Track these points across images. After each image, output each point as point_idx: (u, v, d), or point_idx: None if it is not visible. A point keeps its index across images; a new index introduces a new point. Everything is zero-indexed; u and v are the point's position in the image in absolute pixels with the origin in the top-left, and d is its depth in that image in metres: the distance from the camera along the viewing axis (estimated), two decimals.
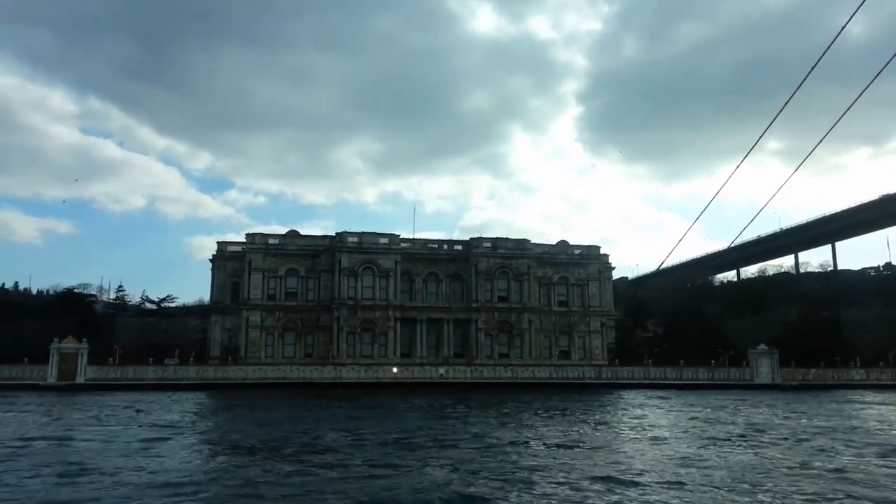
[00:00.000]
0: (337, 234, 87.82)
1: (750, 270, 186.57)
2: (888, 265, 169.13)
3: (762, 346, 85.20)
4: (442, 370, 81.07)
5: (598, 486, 19.13)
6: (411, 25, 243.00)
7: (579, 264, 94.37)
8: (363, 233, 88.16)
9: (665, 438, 30.67)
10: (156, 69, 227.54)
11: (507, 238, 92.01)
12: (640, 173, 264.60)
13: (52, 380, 71.01)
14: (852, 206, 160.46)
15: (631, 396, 66.14)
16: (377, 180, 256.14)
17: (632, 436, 31.91)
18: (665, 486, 19.27)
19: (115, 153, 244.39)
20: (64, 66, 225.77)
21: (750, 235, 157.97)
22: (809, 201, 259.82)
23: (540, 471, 21.58)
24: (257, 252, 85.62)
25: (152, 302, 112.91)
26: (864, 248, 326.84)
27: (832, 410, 49.46)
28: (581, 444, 28.56)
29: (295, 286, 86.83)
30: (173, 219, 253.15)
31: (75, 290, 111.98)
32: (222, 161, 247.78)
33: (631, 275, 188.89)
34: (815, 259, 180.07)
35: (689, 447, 27.59)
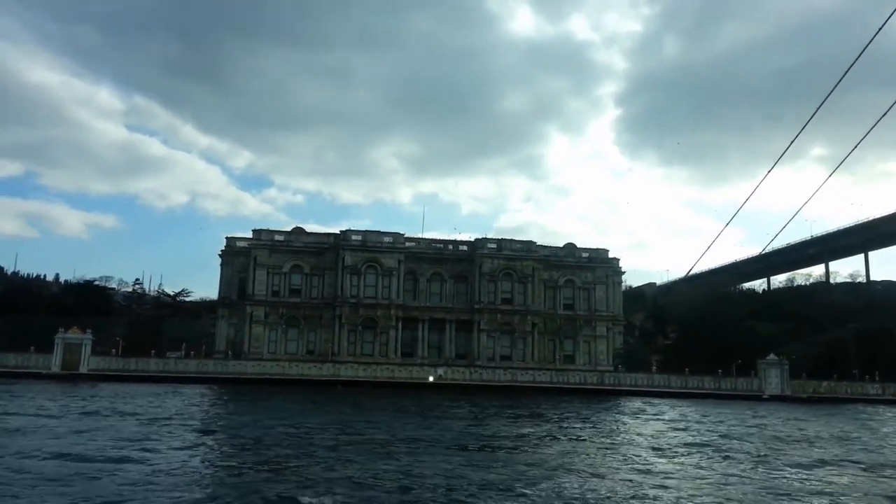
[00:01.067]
0: (341, 231, 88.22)
1: (779, 279, 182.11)
2: None
3: (772, 357, 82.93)
4: (441, 371, 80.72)
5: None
6: (450, 25, 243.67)
7: (586, 268, 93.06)
8: (367, 231, 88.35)
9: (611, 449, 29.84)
10: (198, 67, 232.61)
11: (512, 239, 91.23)
12: (678, 177, 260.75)
13: (55, 369, 72.73)
14: (885, 214, 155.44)
15: (629, 404, 64.89)
16: (413, 180, 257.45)
17: (563, 445, 31.11)
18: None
19: (159, 150, 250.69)
20: (109, 63, 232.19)
21: (783, 244, 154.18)
22: (854, 209, 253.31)
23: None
24: (262, 248, 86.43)
25: (168, 296, 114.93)
26: None
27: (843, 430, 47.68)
28: (500, 448, 27.98)
29: (299, 283, 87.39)
30: (214, 215, 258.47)
31: (94, 283, 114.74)
32: (262, 159, 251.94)
33: (661, 280, 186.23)
34: (846, 269, 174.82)
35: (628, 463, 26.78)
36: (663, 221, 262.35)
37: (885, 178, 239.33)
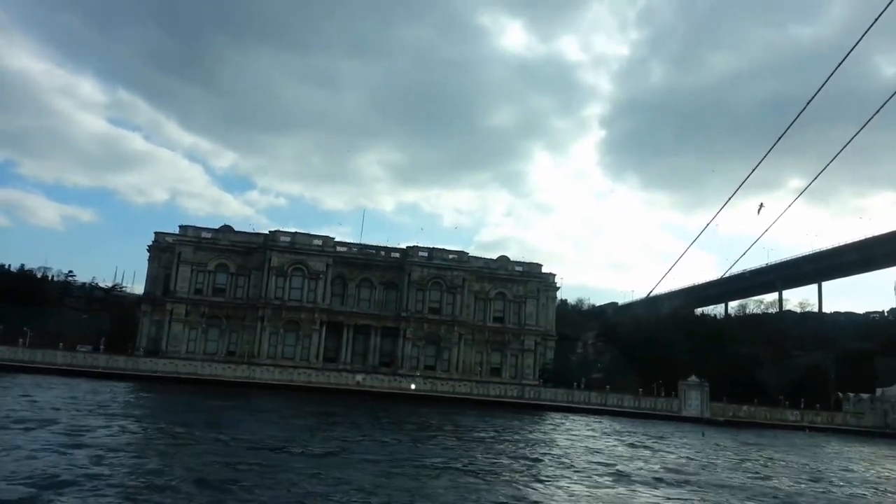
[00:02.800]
0: (270, 232, 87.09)
1: (736, 304, 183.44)
2: (893, 311, 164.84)
3: (693, 378, 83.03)
4: (359, 377, 79.68)
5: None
6: (441, 37, 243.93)
7: (518, 281, 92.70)
8: (297, 233, 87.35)
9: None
10: (186, 64, 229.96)
11: (444, 249, 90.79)
12: (659, 201, 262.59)
13: None
14: (835, 246, 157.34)
15: (537, 419, 64.31)
16: (396, 189, 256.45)
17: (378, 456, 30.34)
18: None
19: (141, 146, 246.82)
20: (94, 55, 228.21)
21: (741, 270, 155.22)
22: (827, 240, 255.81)
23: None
24: (188, 245, 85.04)
25: (101, 289, 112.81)
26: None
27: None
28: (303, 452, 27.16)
29: (224, 282, 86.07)
30: (195, 214, 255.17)
31: (31, 272, 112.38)
32: (246, 160, 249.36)
33: (626, 300, 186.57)
34: (797, 298, 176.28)
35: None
36: (643, 244, 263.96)
37: (858, 212, 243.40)
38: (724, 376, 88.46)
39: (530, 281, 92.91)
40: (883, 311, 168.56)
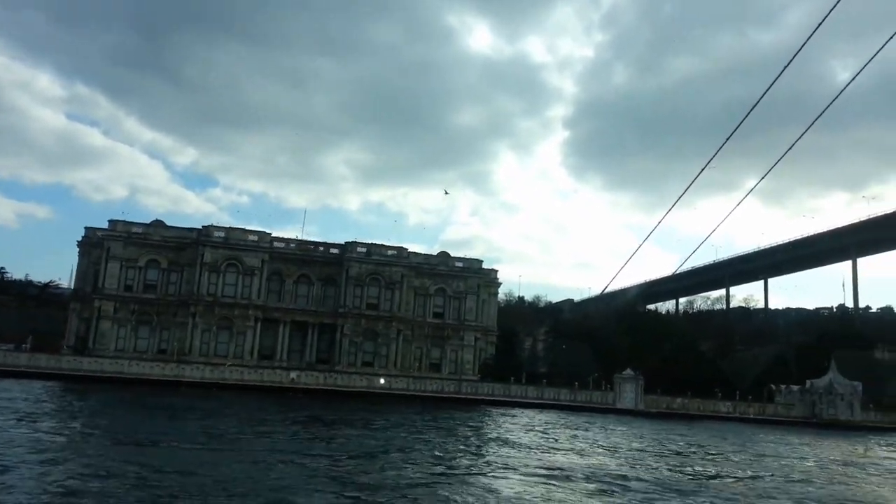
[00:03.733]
0: (203, 227, 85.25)
1: (684, 301, 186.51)
2: (840, 307, 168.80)
3: (628, 372, 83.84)
4: (294, 374, 78.53)
5: None
6: (409, 37, 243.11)
7: (459, 277, 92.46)
8: (231, 228, 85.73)
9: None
10: (147, 58, 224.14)
11: (383, 244, 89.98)
12: (622, 202, 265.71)
13: None
14: (777, 243, 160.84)
15: (464, 414, 64.06)
16: (362, 189, 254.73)
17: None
18: None
19: (99, 141, 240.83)
20: (52, 49, 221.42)
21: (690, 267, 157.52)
22: (774, 238, 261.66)
23: None
24: (117, 240, 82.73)
25: (35, 286, 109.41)
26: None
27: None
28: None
29: (155, 278, 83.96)
30: (154, 212, 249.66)
31: None
32: (208, 158, 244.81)
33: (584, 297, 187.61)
34: (743, 293, 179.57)
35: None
36: (607, 244, 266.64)
37: (813, 212, 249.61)
38: (663, 370, 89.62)
39: (470, 277, 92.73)
40: (832, 307, 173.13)
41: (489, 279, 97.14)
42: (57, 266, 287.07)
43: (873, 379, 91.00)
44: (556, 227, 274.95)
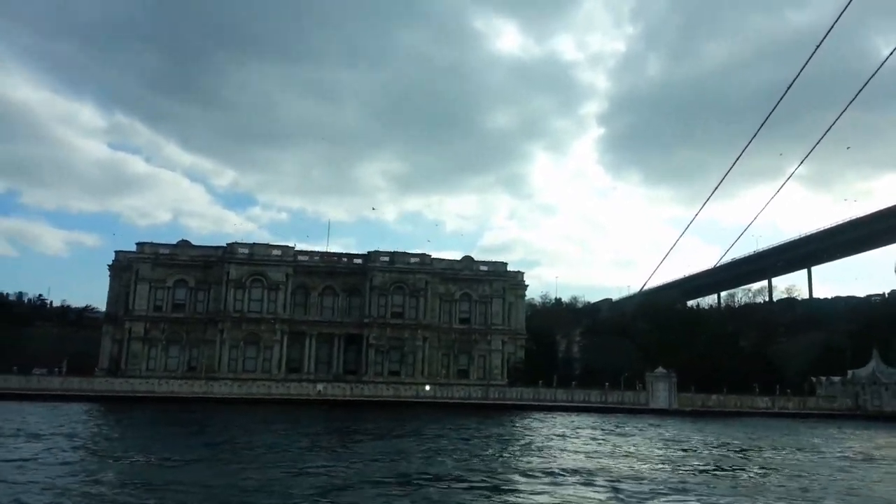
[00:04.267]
0: (228, 244, 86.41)
1: (730, 293, 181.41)
2: (893, 293, 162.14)
3: (660, 370, 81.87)
4: (320, 387, 78.86)
5: None
6: (437, 43, 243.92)
7: (484, 281, 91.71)
8: (255, 244, 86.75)
9: None
10: (181, 84, 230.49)
11: (406, 252, 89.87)
12: (662, 196, 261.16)
13: None
14: (824, 228, 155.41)
15: (488, 420, 63.23)
16: (398, 198, 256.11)
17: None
18: None
19: (142, 168, 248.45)
20: (91, 80, 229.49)
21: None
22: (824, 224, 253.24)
23: None
24: (145, 262, 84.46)
25: (74, 311, 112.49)
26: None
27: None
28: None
29: (184, 297, 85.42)
30: (198, 234, 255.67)
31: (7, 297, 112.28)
32: (246, 177, 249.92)
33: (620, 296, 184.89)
34: (785, 284, 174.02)
35: None
36: (648, 240, 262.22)
37: (863, 196, 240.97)
38: (698, 366, 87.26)
39: (496, 280, 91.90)
40: (884, 294, 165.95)
41: (515, 282, 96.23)
42: (100, 291, 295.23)
43: None
44: (595, 227, 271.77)
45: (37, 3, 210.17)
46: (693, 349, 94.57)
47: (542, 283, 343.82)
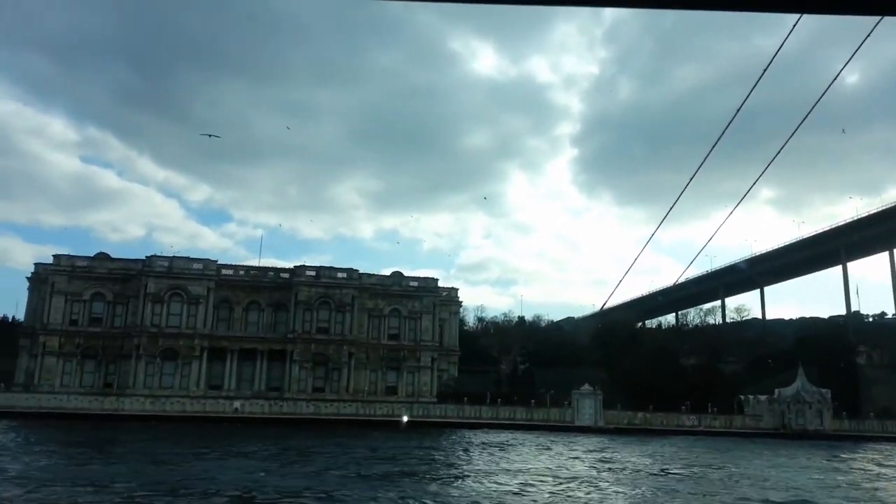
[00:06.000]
0: (147, 257, 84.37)
1: (687, 313, 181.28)
2: (852, 314, 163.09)
3: (586, 387, 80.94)
4: (237, 404, 76.86)
5: None
6: (413, 63, 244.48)
7: (413, 297, 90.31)
8: (175, 257, 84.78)
9: None
10: (155, 98, 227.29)
11: (332, 267, 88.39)
12: (634, 216, 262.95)
13: None
14: (772, 248, 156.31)
15: (391, 439, 61.69)
16: (374, 216, 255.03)
17: None
18: None
19: (114, 183, 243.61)
20: (62, 93, 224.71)
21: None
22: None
23: None
24: (62, 274, 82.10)
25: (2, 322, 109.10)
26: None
27: None
28: None
29: (101, 311, 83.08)
30: (171, 250, 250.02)
31: None
32: (221, 193, 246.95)
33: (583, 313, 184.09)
34: (739, 303, 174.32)
35: None
36: (620, 259, 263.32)
37: (830, 220, 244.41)
38: (632, 385, 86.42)
39: (426, 296, 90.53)
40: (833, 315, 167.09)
41: (448, 298, 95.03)
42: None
43: (850, 386, 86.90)
44: (570, 245, 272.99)
45: (3, 13, 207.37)
46: (633, 368, 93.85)
47: (515, 302, 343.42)
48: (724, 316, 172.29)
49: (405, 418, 75.39)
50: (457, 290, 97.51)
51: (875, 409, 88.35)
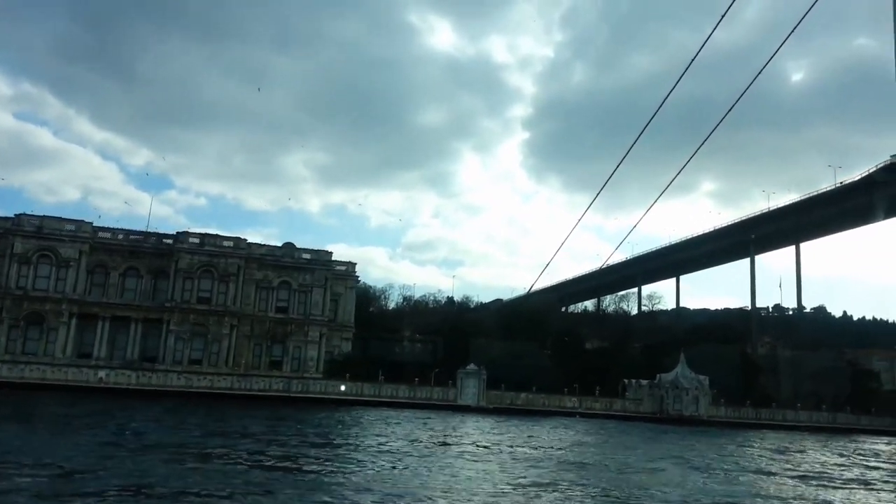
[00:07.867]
0: (15, 215, 79.31)
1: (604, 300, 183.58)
2: (777, 307, 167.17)
3: (471, 366, 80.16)
4: (102, 374, 73.15)
5: None
6: (370, 34, 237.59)
7: (305, 269, 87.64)
8: (46, 217, 79.89)
9: None
10: (96, 53, 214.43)
11: (218, 234, 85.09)
12: (581, 203, 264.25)
13: None
14: (690, 237, 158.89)
15: (248, 413, 59.40)
16: (323, 190, 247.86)
17: None
18: None
19: (49, 142, 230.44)
20: None
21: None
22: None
23: None
24: None
25: None
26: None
27: None
28: None
29: None
30: (108, 215, 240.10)
31: None
32: (163, 159, 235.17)
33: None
34: (657, 290, 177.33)
35: None
36: (566, 245, 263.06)
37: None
38: (527, 366, 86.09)
39: (318, 269, 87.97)
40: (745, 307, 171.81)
41: (343, 273, 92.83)
42: None
43: (738, 374, 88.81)
44: (519, 229, 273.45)
45: None
46: (533, 350, 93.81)
47: (463, 283, 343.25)
48: (639, 303, 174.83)
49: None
50: (354, 265, 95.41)
51: (757, 398, 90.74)
